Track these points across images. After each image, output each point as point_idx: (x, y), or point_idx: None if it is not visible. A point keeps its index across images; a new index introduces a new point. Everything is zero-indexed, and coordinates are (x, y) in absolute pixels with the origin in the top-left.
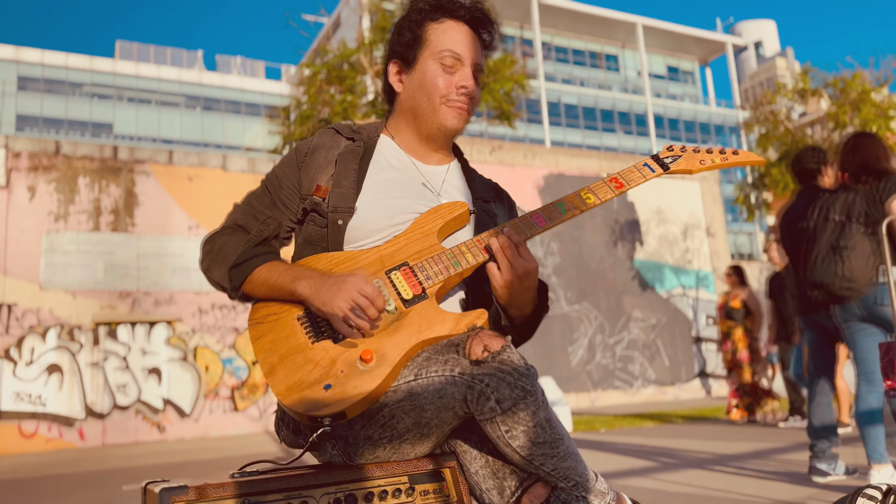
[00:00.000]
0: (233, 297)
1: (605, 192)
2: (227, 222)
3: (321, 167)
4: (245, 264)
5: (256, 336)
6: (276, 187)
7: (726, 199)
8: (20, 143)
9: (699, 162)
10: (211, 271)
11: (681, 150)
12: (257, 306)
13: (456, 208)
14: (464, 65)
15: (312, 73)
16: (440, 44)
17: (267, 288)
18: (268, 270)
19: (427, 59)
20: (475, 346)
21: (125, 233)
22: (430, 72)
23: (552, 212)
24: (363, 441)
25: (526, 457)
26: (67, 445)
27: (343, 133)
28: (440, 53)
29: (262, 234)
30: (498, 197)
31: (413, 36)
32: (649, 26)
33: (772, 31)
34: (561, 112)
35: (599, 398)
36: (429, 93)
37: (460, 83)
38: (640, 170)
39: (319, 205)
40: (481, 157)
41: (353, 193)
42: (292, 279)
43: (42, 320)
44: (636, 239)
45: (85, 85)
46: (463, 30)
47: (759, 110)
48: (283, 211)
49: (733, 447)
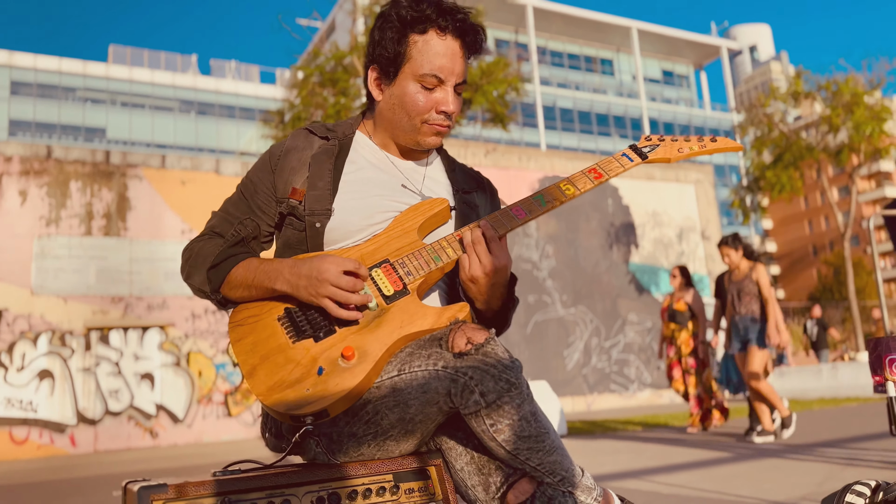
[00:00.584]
0: (214, 301)
1: (585, 182)
2: (205, 230)
3: (295, 169)
4: (222, 264)
5: (237, 338)
6: (251, 192)
7: (722, 202)
8: (11, 148)
9: (677, 150)
10: (191, 277)
11: (659, 140)
12: (238, 309)
13: (436, 205)
14: (446, 84)
15: (305, 76)
16: (423, 64)
17: (245, 287)
18: (244, 269)
19: (408, 77)
20: (458, 339)
21: (117, 237)
22: (410, 91)
23: (532, 204)
24: (347, 438)
25: (511, 451)
26: (59, 452)
27: (317, 133)
28: (422, 76)
29: (238, 235)
30: (479, 186)
31: (395, 49)
32: (644, 30)
33: (766, 35)
34: (556, 116)
35: (595, 402)
36: (409, 112)
37: (441, 107)
38: (618, 160)
39: (296, 208)
40: (476, 159)
41: (330, 195)
42: (268, 276)
43: (33, 326)
44: (631, 242)
45: (78, 90)
46: (447, 43)
47: (753, 113)
48: (259, 215)
49: (728, 449)
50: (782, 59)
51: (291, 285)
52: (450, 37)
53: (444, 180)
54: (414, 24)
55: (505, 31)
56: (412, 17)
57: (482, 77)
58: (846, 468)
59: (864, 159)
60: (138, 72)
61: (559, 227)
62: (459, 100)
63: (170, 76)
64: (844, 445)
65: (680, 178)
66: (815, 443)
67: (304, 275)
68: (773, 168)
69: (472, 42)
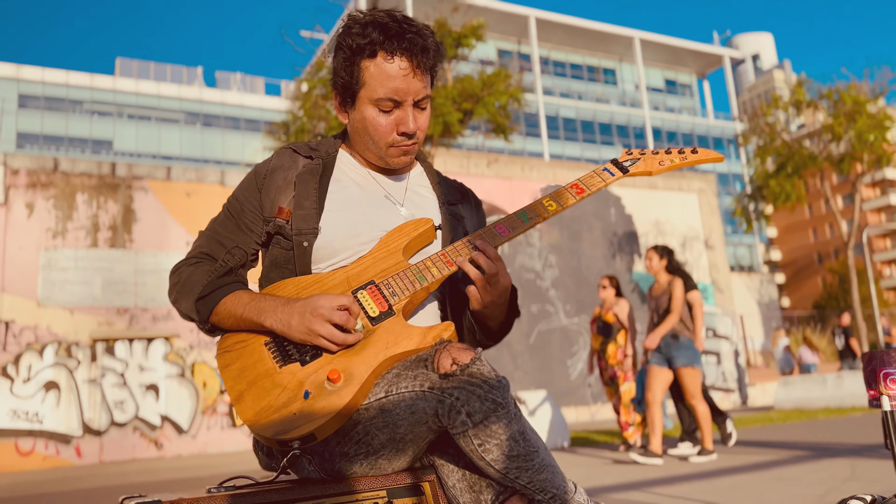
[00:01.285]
0: (203, 330)
1: (567, 198)
2: (193, 251)
3: (281, 188)
4: (210, 296)
5: (224, 364)
6: (238, 211)
7: (725, 210)
8: (18, 161)
9: (658, 163)
10: (179, 303)
11: (640, 153)
12: (226, 336)
13: (420, 225)
14: (404, 105)
15: (308, 89)
16: (377, 89)
17: (234, 320)
18: (233, 302)
19: (365, 102)
20: (444, 360)
21: (123, 249)
22: (369, 116)
23: (515, 221)
24: (339, 457)
25: (500, 470)
26: (64, 463)
27: (301, 152)
28: (378, 101)
29: (227, 265)
30: (464, 198)
31: (349, 77)
32: (647, 40)
33: (769, 43)
34: (559, 126)
35: (599, 412)
36: (372, 136)
37: (401, 128)
38: (599, 174)
39: (283, 227)
40: (478, 170)
41: (316, 214)
42: (258, 312)
43: (40, 337)
44: (634, 251)
45: (85, 102)
46: (397, 64)
47: (755, 122)
48: (247, 235)
49: (730, 460)
50: (785, 67)
51: (283, 323)
52: (399, 58)
53: (429, 193)
54: (362, 51)
55: (508, 41)
56: (358, 46)
57: (483, 88)
58: (848, 481)
59: (867, 168)
60: (145, 84)
61: (561, 236)
62: (424, 114)
63: (176, 88)
64: (847, 456)
65: (683, 187)
66: (817, 454)
67: (298, 311)
68: (776, 177)
69: (423, 59)
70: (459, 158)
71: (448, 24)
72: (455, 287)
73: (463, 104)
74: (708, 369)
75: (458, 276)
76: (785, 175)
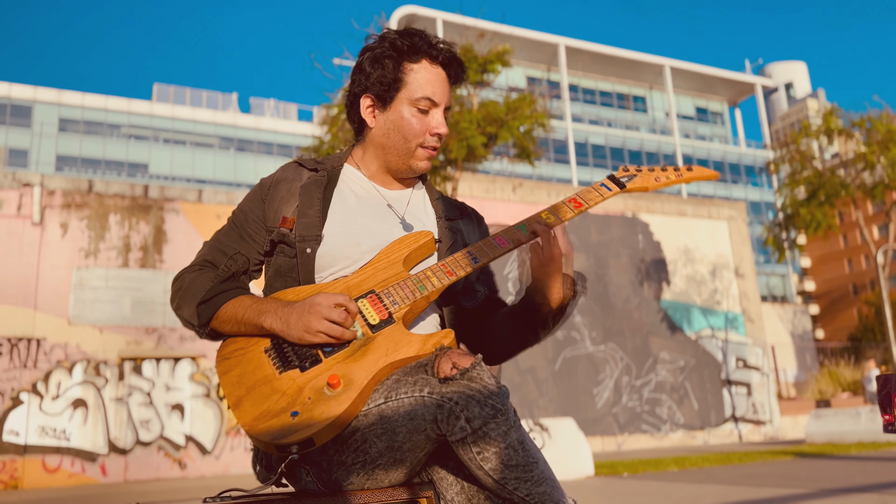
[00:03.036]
0: (202, 335)
1: (565, 211)
2: (196, 260)
3: (285, 199)
4: (212, 301)
5: (223, 371)
6: (241, 221)
7: (757, 239)
8: (55, 182)
9: (654, 179)
10: (181, 309)
11: (636, 170)
12: (226, 343)
13: (421, 237)
14: (438, 108)
15: (336, 114)
16: (418, 89)
17: (234, 324)
18: (234, 306)
19: (403, 102)
20: (444, 364)
21: (153, 269)
22: (406, 116)
23: (515, 233)
24: (337, 466)
25: (498, 480)
26: (90, 481)
27: (306, 165)
28: (417, 100)
29: (229, 270)
30: (463, 214)
31: (392, 77)
32: (677, 68)
33: (803, 72)
34: (588, 152)
35: (626, 442)
36: (405, 136)
37: (435, 129)
38: (597, 189)
39: (287, 236)
40: (504, 195)
41: (319, 221)
42: (258, 313)
43: (69, 355)
44: (663, 279)
45: (123, 126)
46: (437, 71)
47: (786, 150)
48: (250, 244)
49: (757, 492)
50: (819, 96)
51: (282, 321)
52: (439, 66)
53: (429, 208)
54: (409, 54)
55: (537, 69)
56: (407, 47)
57: (507, 113)
58: None
59: None
60: (181, 109)
61: (588, 262)
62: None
63: (211, 114)
64: (878, 491)
65: (713, 214)
66: (847, 488)
67: (297, 310)
68: (808, 205)
69: (455, 72)
70: (485, 183)
71: (474, 49)
72: (452, 303)
73: (487, 128)
74: (738, 400)
75: (459, 287)
76: (816, 203)
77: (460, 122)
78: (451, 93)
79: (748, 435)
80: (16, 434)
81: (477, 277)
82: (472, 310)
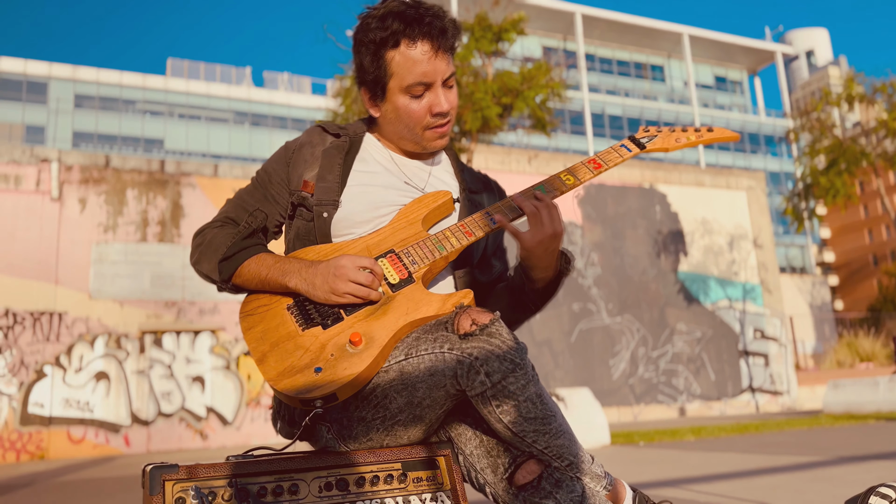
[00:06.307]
0: (221, 289)
1: (584, 172)
2: (218, 216)
3: (308, 163)
4: (234, 257)
5: (247, 327)
6: (265, 182)
7: (776, 210)
8: (72, 157)
9: (675, 140)
10: (200, 264)
11: (657, 131)
12: (248, 299)
13: (439, 197)
14: (434, 87)
15: (349, 86)
16: (406, 76)
17: (257, 282)
18: (257, 264)
19: (396, 92)
20: (463, 321)
21: (171, 243)
22: (402, 104)
23: (534, 194)
24: (357, 423)
25: (517, 433)
26: (114, 451)
27: (329, 130)
28: (408, 87)
29: (250, 226)
30: (487, 187)
31: (375, 71)
32: (696, 36)
33: (824, 39)
34: (605, 123)
35: (642, 412)
36: (406, 124)
37: (435, 109)
38: (617, 150)
39: (307, 199)
40: (520, 166)
41: (338, 187)
42: (282, 273)
43: (91, 328)
44: (680, 250)
45: (138, 102)
46: (421, 49)
47: (806, 118)
48: (272, 205)
49: (773, 460)
50: (841, 63)
51: (308, 282)
52: (421, 42)
53: (451, 180)
54: (386, 43)
55: (553, 38)
56: (381, 38)
57: (523, 83)
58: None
59: None
60: (195, 84)
61: (605, 234)
62: (453, 91)
63: (225, 88)
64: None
65: (731, 184)
66: (865, 456)
67: (321, 272)
68: (826, 174)
69: (441, 39)
70: (500, 155)
71: (489, 18)
72: (468, 265)
73: (502, 98)
74: (755, 371)
75: (476, 259)
76: (836, 172)
77: (475, 92)
78: (448, 58)
79: (765, 406)
80: (41, 406)
81: (493, 252)
82: (483, 283)
